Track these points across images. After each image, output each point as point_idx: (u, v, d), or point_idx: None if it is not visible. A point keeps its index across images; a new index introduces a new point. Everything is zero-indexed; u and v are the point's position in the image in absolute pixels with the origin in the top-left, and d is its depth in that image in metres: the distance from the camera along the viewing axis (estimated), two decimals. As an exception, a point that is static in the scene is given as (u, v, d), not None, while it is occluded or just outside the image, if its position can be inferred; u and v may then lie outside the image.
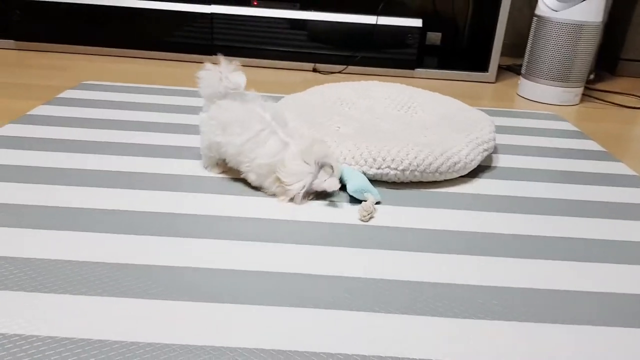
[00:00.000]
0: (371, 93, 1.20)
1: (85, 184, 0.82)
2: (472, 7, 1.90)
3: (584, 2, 1.36)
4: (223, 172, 0.89)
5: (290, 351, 0.52)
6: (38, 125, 1.03)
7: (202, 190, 0.83)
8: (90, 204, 0.77)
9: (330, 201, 0.82)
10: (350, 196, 0.83)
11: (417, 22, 1.58)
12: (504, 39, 1.60)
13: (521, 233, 0.77)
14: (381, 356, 0.52)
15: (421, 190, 0.89)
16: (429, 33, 1.86)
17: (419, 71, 1.64)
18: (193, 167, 0.91)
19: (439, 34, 1.88)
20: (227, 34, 1.61)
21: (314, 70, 1.62)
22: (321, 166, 0.80)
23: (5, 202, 0.75)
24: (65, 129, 1.03)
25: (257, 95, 0.85)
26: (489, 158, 1.04)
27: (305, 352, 0.52)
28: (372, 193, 0.82)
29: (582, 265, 0.70)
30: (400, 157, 0.87)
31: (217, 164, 0.89)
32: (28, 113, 1.10)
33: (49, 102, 1.17)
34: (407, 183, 0.90)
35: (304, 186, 0.79)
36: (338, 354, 0.52)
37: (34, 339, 0.51)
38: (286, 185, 0.79)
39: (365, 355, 0.52)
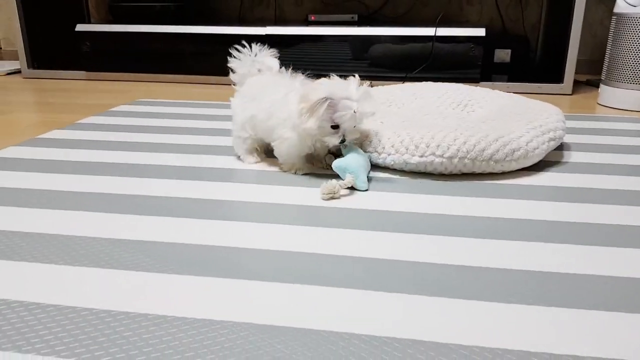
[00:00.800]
0: (423, 93, 1.10)
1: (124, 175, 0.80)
2: (544, 20, 1.78)
3: (671, -7, 1.20)
4: (257, 162, 0.84)
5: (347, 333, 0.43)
6: (88, 131, 1.05)
7: (244, 180, 0.78)
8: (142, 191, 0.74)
9: (375, 191, 0.74)
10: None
11: (479, 32, 1.48)
12: (584, 55, 1.45)
13: (599, 222, 0.64)
14: (482, 346, 0.42)
15: (473, 182, 0.77)
16: (497, 50, 1.74)
17: (485, 84, 1.53)
18: (232, 162, 0.86)
19: (508, 51, 1.75)
20: (282, 58, 1.59)
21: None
22: (360, 90, 0.71)
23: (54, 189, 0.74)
24: (111, 133, 1.03)
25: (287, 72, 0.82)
26: (558, 154, 0.90)
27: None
28: (358, 178, 0.72)
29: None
30: (446, 143, 0.76)
31: (250, 151, 0.84)
32: (78, 122, 1.12)
33: (102, 114, 1.19)
34: (457, 175, 0.79)
35: (329, 95, 0.69)
36: (429, 341, 0.43)
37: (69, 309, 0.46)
38: (310, 95, 0.70)
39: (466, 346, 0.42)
